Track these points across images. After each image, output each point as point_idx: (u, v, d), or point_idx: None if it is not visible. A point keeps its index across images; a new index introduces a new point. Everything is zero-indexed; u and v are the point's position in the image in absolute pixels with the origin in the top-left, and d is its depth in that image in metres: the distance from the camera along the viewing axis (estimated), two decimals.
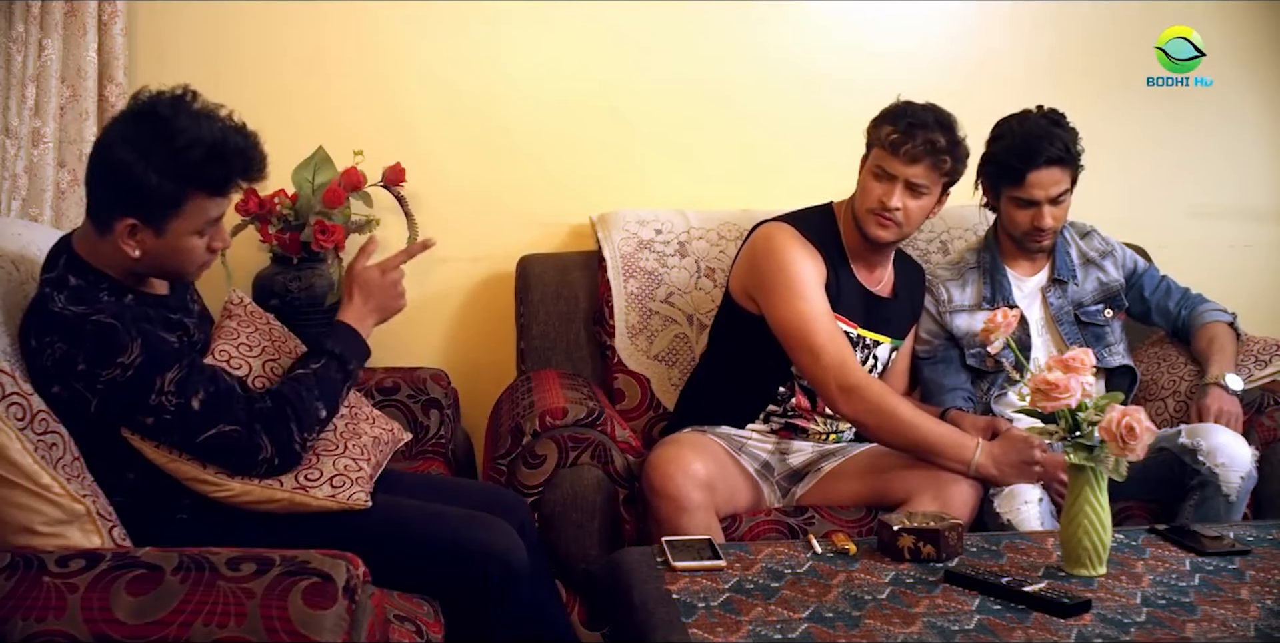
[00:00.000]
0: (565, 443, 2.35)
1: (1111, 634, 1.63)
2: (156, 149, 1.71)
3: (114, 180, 1.74)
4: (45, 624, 1.41)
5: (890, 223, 2.41)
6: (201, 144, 1.72)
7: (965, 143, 2.42)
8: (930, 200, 2.42)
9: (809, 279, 2.41)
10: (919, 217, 2.43)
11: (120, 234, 1.75)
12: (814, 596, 1.76)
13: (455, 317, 3.14)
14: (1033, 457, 2.26)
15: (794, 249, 2.44)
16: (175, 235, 1.77)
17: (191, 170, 1.73)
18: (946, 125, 2.39)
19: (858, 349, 2.50)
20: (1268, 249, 3.41)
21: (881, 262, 2.57)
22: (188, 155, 1.71)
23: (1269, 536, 2.03)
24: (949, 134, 2.38)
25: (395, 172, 2.89)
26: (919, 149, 2.35)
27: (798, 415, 2.52)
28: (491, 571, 1.88)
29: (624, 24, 3.08)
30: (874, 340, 2.54)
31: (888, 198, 2.39)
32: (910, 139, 2.36)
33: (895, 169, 2.38)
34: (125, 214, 1.74)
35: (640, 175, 3.10)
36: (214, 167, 1.75)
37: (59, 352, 1.71)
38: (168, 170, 1.71)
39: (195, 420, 1.76)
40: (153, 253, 1.78)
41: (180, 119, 1.72)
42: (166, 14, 2.91)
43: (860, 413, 2.34)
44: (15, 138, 2.71)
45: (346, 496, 1.85)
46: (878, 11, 3.19)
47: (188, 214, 1.76)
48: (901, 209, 2.39)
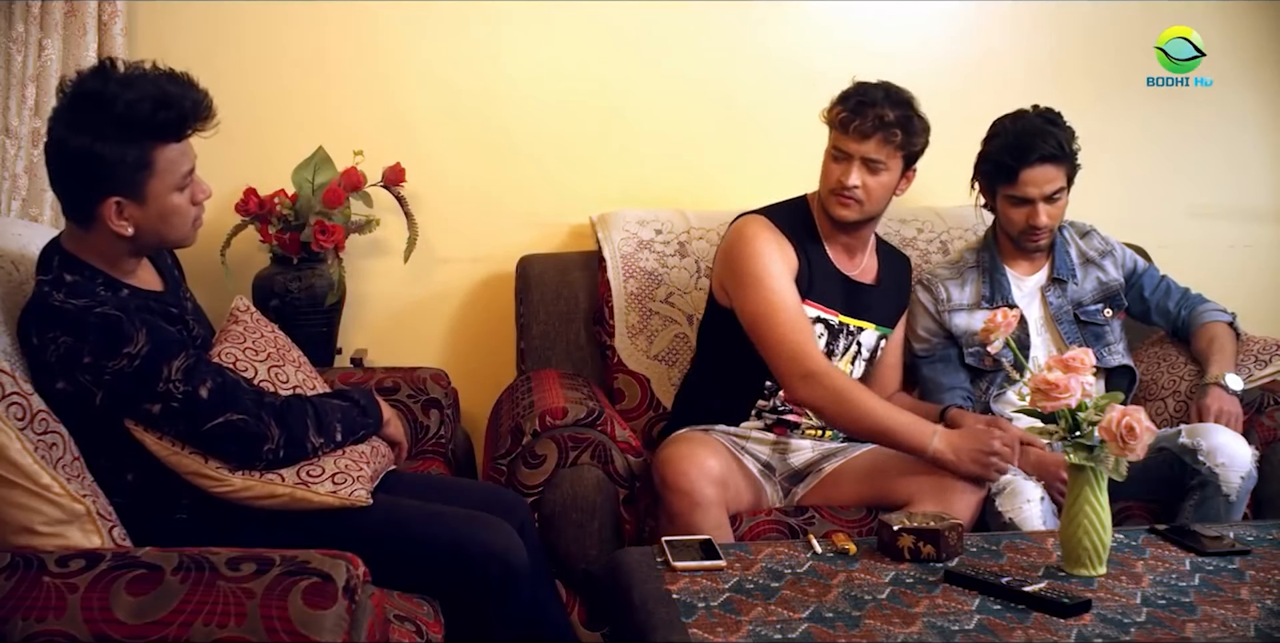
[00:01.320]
0: (565, 443, 2.35)
1: (1111, 634, 1.63)
2: (104, 122, 1.72)
3: (80, 168, 1.74)
4: (45, 624, 1.41)
5: (851, 201, 2.43)
6: (144, 99, 1.73)
7: (923, 117, 2.43)
8: (890, 176, 2.43)
9: (774, 269, 2.42)
10: (881, 193, 2.44)
11: (108, 217, 1.76)
12: (814, 596, 1.76)
13: (455, 317, 3.14)
14: (991, 447, 2.24)
15: (762, 240, 2.46)
16: (157, 198, 1.78)
17: (145, 125, 1.73)
18: (897, 100, 2.41)
19: (841, 337, 2.52)
20: (1268, 249, 3.41)
21: (858, 246, 2.58)
22: (135, 113, 1.72)
23: (1269, 536, 2.03)
24: (899, 108, 2.40)
25: (395, 172, 2.89)
26: (868, 125, 2.38)
27: (788, 410, 2.52)
28: (491, 571, 1.88)
29: (624, 24, 3.08)
30: (857, 327, 2.55)
31: (845, 177, 2.41)
32: (859, 116, 2.38)
33: (849, 147, 2.40)
34: (105, 195, 1.75)
35: (640, 175, 3.10)
36: (164, 113, 1.75)
37: (64, 346, 1.71)
38: (124, 135, 1.73)
39: (202, 409, 1.76)
40: (144, 225, 1.79)
41: (111, 86, 1.73)
42: (166, 14, 2.91)
43: (817, 399, 2.34)
44: (15, 138, 2.71)
45: (348, 492, 1.85)
46: (878, 11, 3.19)
47: (161, 171, 1.77)
48: (860, 186, 2.41)
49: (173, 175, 1.79)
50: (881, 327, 2.60)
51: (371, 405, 2.06)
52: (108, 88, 1.73)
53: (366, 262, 3.06)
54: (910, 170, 2.47)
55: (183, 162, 1.81)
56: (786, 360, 2.35)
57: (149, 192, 1.77)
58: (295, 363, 2.13)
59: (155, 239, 1.84)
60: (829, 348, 2.51)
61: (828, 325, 2.50)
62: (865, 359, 2.57)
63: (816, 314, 2.49)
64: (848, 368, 2.55)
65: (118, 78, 1.75)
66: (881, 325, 2.60)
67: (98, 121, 1.72)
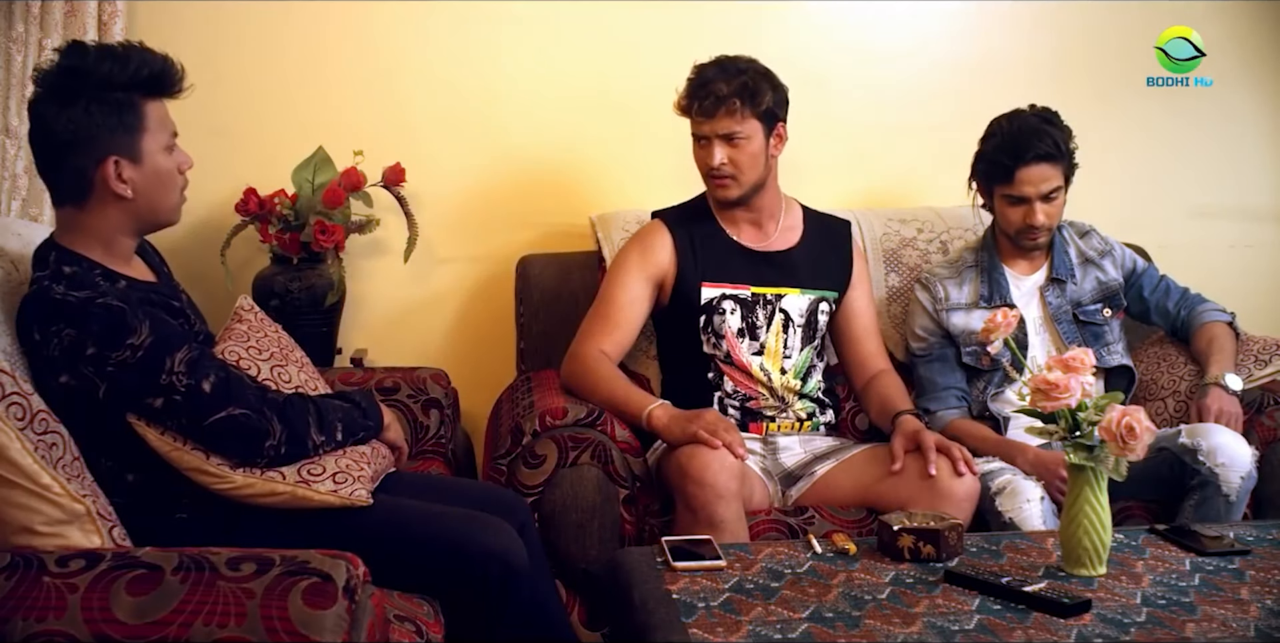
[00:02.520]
0: (565, 443, 2.34)
1: (1111, 634, 1.63)
2: (92, 87, 1.78)
3: (77, 136, 1.78)
4: (45, 624, 1.41)
5: (725, 178, 2.50)
6: (123, 62, 1.80)
7: (765, 73, 2.48)
8: (755, 143, 2.47)
9: (624, 264, 2.57)
10: (751, 162, 2.49)
11: (109, 178, 1.79)
12: (814, 596, 1.76)
13: (455, 317, 3.14)
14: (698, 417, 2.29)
15: (631, 244, 2.61)
16: (151, 156, 1.83)
17: (130, 82, 1.80)
18: (732, 71, 2.45)
19: (758, 308, 2.55)
20: (1268, 249, 3.41)
21: (763, 218, 2.61)
22: (120, 74, 1.79)
23: (1269, 536, 2.03)
24: (736, 77, 2.44)
25: (395, 172, 2.89)
26: (709, 103, 2.43)
27: (747, 398, 2.54)
28: (491, 571, 1.88)
29: (624, 24, 3.08)
30: (775, 295, 2.57)
31: (710, 159, 2.47)
32: (698, 98, 2.45)
33: (702, 129, 2.47)
34: (104, 155, 1.79)
35: (640, 175, 3.10)
36: (144, 70, 1.81)
37: (67, 338, 1.71)
38: (114, 96, 1.79)
39: (205, 403, 1.76)
40: (141, 186, 1.83)
41: (89, 58, 1.79)
42: (166, 14, 2.91)
43: (568, 375, 2.50)
44: (15, 138, 2.71)
45: (349, 492, 1.85)
46: (878, 12, 3.19)
47: (151, 128, 1.83)
48: (728, 163, 2.47)
49: (162, 133, 1.85)
50: (810, 290, 2.60)
51: (372, 408, 2.06)
52: (86, 60, 1.79)
53: (366, 262, 3.06)
54: (778, 127, 2.51)
55: (167, 122, 1.88)
56: (573, 341, 2.53)
57: (143, 148, 1.82)
58: (298, 364, 2.13)
59: (149, 206, 1.86)
60: (748, 321, 2.54)
61: (738, 300, 2.55)
62: (801, 326, 2.58)
63: (720, 292, 2.54)
64: (778, 339, 2.56)
65: (94, 51, 1.81)
66: (810, 288, 2.60)
67: (80, 91, 1.78)
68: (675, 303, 2.57)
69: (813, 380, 2.59)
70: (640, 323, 2.57)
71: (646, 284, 2.55)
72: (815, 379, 2.60)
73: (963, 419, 2.60)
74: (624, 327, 2.53)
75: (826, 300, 2.62)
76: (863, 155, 3.20)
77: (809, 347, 2.59)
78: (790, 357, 2.56)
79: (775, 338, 2.56)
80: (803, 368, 2.57)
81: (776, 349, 2.56)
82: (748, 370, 2.54)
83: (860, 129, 3.19)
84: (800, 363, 2.57)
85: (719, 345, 2.55)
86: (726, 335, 2.54)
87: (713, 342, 2.55)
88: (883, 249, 2.92)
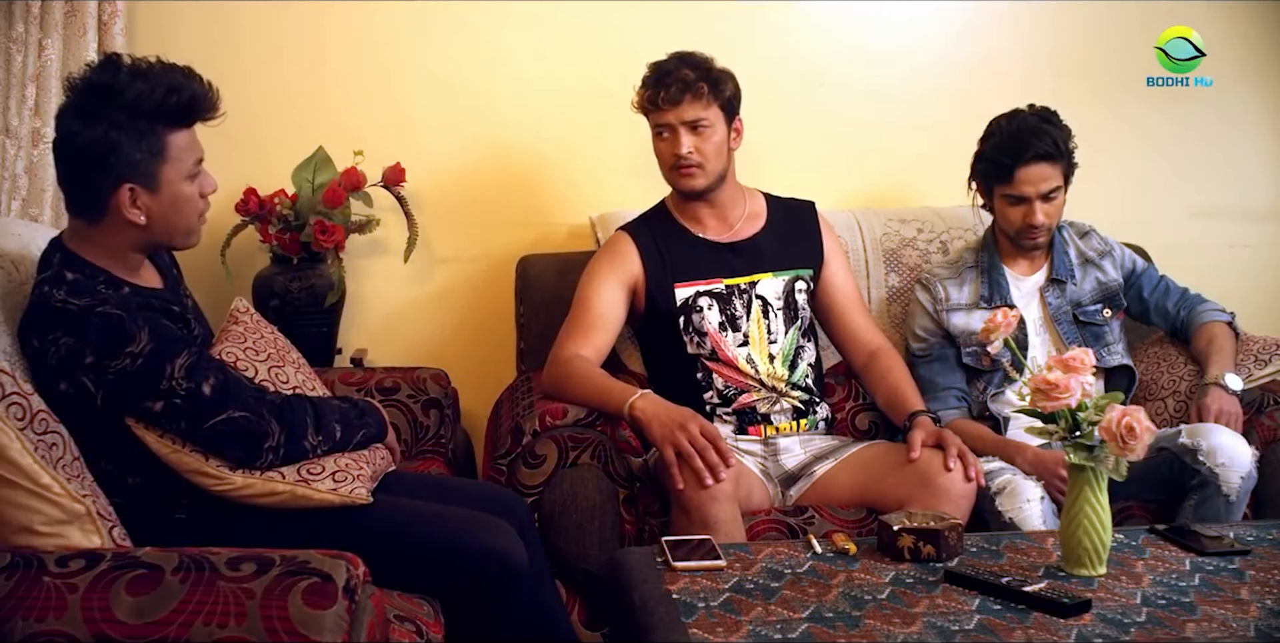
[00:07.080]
0: (565, 443, 2.34)
1: (1111, 634, 1.63)
2: (116, 109, 1.75)
3: (95, 158, 1.76)
4: (45, 624, 1.41)
5: (692, 168, 2.49)
6: (155, 87, 1.77)
7: (723, 68, 2.50)
8: (718, 132, 2.49)
9: (595, 272, 2.56)
10: (715, 152, 2.49)
11: (122, 205, 1.77)
12: (814, 596, 1.76)
13: (455, 317, 3.14)
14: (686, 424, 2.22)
15: (598, 256, 2.60)
16: (170, 184, 1.80)
17: (157, 111, 1.77)
18: (693, 62, 2.48)
19: (734, 299, 2.55)
20: (1268, 249, 3.40)
21: (722, 212, 2.61)
22: (148, 100, 1.76)
23: (1269, 536, 2.03)
24: (698, 67, 2.47)
25: (395, 172, 2.89)
26: (675, 90, 2.44)
27: (737, 393, 2.53)
28: (491, 571, 1.88)
29: (623, 24, 3.08)
30: (749, 283, 2.57)
31: (677, 147, 2.47)
32: (663, 87, 2.46)
33: (667, 118, 2.47)
34: (119, 182, 1.77)
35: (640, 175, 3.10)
36: (174, 97, 1.78)
37: (65, 347, 1.70)
38: (137, 124, 1.76)
39: (205, 406, 1.76)
40: (156, 213, 1.80)
41: (121, 77, 1.76)
42: (166, 14, 2.91)
43: (547, 381, 2.48)
44: (15, 138, 2.71)
45: (348, 490, 1.85)
46: (878, 12, 3.19)
47: (173, 157, 1.80)
48: (695, 151, 2.47)
49: (184, 163, 1.82)
50: (783, 272, 2.60)
51: (369, 408, 2.06)
52: (118, 79, 1.76)
53: (366, 262, 3.06)
54: (736, 121, 2.53)
55: (193, 150, 1.84)
56: (551, 349, 2.50)
57: (162, 178, 1.79)
58: (295, 364, 2.13)
59: (164, 231, 1.84)
60: (727, 313, 2.54)
61: (713, 295, 2.55)
62: (781, 308, 2.58)
63: (694, 290, 2.54)
64: (760, 326, 2.55)
65: (127, 69, 1.77)
66: (781, 270, 2.60)
67: (111, 110, 1.74)
68: (652, 309, 2.57)
69: (801, 365, 2.58)
70: (618, 327, 2.56)
71: (620, 288, 2.54)
72: (804, 365, 2.59)
73: (962, 419, 2.60)
74: (601, 330, 2.51)
75: (802, 279, 2.62)
76: (863, 155, 3.20)
77: (793, 328, 2.58)
78: (775, 341, 2.56)
79: (757, 326, 2.55)
80: (790, 352, 2.56)
81: (761, 337, 2.55)
82: (735, 364, 2.53)
83: (860, 129, 3.19)
84: (787, 347, 2.56)
85: (703, 344, 2.54)
86: (709, 332, 2.53)
87: (696, 341, 2.55)
88: (883, 249, 2.92)
